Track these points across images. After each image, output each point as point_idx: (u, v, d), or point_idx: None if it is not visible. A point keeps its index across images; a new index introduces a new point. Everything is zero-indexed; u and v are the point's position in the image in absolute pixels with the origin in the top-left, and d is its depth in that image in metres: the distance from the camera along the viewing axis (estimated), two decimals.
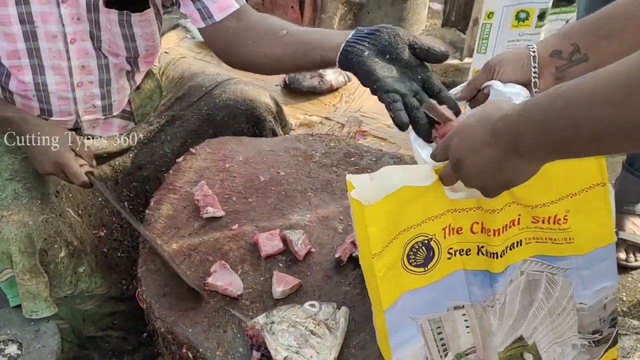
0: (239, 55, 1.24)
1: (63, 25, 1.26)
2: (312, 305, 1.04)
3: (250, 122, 1.51)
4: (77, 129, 1.42)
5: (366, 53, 1.01)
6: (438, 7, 3.29)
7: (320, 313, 1.03)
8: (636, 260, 2.01)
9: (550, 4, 2.01)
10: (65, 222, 1.31)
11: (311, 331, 1.00)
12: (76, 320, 1.44)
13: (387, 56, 1.01)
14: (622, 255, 2.01)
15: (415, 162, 0.95)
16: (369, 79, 1.00)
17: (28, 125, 1.27)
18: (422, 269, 0.90)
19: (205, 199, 1.25)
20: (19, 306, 1.26)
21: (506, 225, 0.90)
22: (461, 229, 0.90)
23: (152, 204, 1.29)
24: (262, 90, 1.57)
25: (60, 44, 1.28)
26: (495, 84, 0.96)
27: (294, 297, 1.11)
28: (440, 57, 1.02)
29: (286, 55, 1.16)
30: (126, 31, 1.33)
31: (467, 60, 2.29)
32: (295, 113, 1.90)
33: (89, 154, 1.30)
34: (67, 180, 1.27)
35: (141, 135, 1.50)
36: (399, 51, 1.00)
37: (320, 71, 1.96)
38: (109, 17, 1.29)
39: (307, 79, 1.94)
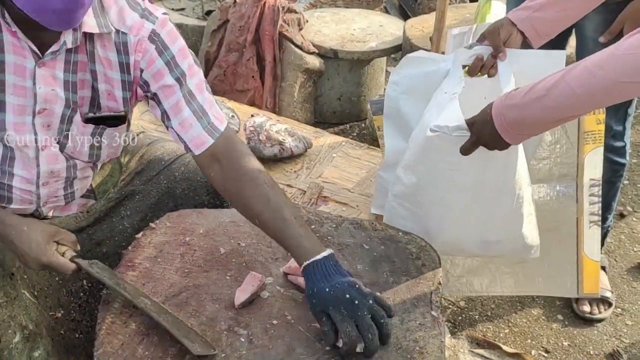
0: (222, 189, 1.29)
1: (35, 134, 1.25)
2: None
3: (210, 193, 1.52)
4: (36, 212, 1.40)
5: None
6: None
7: None
8: (600, 312, 2.04)
9: None
10: (20, 305, 1.27)
11: None
12: None
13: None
14: (587, 308, 2.04)
15: None
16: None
17: (5, 226, 1.22)
18: None
19: None
20: None
21: None
22: None
23: None
24: None
25: (32, 151, 1.27)
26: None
27: None
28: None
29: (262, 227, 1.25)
30: (94, 142, 1.33)
31: None
32: None
33: (71, 239, 1.28)
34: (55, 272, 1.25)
35: (100, 211, 1.49)
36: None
37: (280, 139, 1.99)
38: (84, 130, 1.29)
39: (268, 148, 1.97)
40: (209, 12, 3.14)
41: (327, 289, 1.10)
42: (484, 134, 1.29)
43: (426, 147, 1.39)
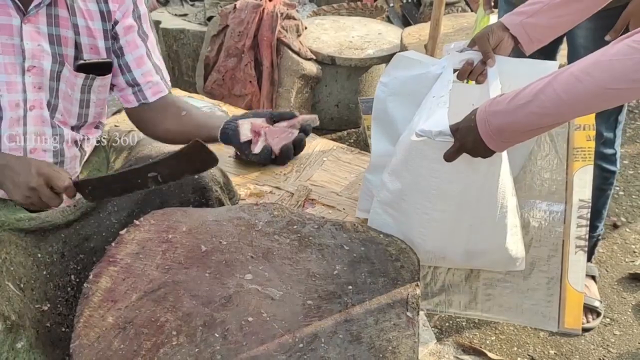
0: (152, 132, 1.54)
1: (25, 93, 1.32)
2: None
3: (196, 192, 1.54)
4: None
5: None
6: None
7: None
8: (588, 322, 2.04)
9: None
10: (3, 296, 1.30)
11: None
12: None
13: None
14: None
15: None
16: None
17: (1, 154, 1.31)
18: None
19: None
20: None
21: None
22: None
23: (91, 276, 1.29)
24: None
25: (21, 111, 1.33)
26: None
27: None
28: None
29: (183, 134, 1.45)
30: (84, 97, 1.40)
31: None
32: (247, 183, 1.93)
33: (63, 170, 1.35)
34: (47, 195, 1.29)
35: (88, 206, 1.51)
36: None
37: None
38: (74, 82, 1.36)
39: None
40: (210, 18, 3.18)
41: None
42: (468, 140, 1.28)
43: (411, 152, 1.39)
